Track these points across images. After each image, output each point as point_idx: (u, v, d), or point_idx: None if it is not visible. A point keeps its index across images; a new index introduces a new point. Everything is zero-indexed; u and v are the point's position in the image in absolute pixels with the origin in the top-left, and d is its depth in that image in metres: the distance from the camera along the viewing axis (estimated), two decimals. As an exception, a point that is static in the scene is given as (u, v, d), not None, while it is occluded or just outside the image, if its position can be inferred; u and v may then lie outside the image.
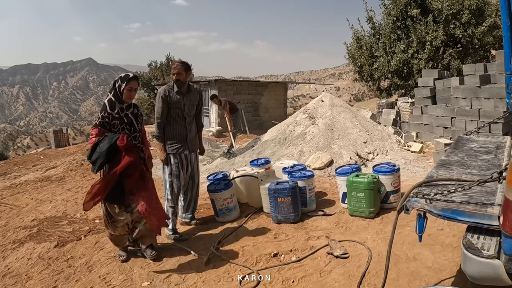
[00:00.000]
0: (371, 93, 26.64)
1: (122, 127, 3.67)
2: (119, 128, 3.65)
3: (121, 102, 3.66)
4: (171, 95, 4.21)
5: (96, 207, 4.14)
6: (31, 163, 12.27)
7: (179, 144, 4.29)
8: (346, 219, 4.34)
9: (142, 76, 30.87)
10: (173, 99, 4.20)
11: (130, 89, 3.64)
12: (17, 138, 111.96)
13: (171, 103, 4.20)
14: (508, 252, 1.72)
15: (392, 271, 3.10)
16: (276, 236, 4.09)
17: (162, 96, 4.19)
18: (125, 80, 3.62)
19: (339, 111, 7.78)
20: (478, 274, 1.87)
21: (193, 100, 4.39)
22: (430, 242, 3.57)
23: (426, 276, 3.02)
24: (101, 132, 3.54)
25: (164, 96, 4.18)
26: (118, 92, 3.64)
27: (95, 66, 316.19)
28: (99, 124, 3.57)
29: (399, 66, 15.81)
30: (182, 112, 4.27)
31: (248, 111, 16.73)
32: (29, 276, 3.85)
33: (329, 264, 3.32)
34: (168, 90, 4.24)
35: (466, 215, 1.94)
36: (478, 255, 1.82)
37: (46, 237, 4.88)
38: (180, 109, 4.25)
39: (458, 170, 2.60)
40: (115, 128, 3.62)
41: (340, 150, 6.71)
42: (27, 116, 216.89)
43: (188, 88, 4.34)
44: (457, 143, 3.39)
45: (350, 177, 4.34)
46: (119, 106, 3.65)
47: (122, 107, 3.67)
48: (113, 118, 3.61)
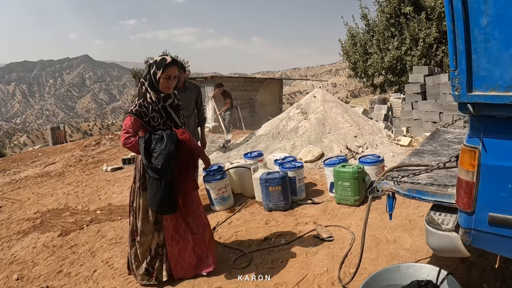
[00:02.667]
0: (368, 90, 26.86)
1: (163, 121, 3.05)
2: (159, 123, 3.02)
3: (157, 92, 3.00)
4: None
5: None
6: (30, 159, 12.42)
7: None
8: (333, 207, 4.60)
9: (138, 73, 31.00)
10: None
11: (168, 77, 2.95)
12: (13, 136, 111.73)
13: None
14: (463, 225, 1.96)
15: (372, 252, 3.37)
16: (267, 223, 4.36)
17: None
18: (162, 66, 2.93)
19: (331, 106, 8.04)
20: (439, 246, 2.12)
21: (190, 96, 4.63)
22: (410, 227, 3.83)
23: (404, 256, 3.27)
24: (137, 124, 2.94)
25: None
26: (154, 80, 2.97)
27: (91, 63, 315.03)
28: (135, 113, 2.93)
29: (392, 63, 16.07)
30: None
31: (244, 107, 16.96)
32: (35, 263, 4.06)
33: (315, 247, 3.59)
34: None
35: (429, 194, 2.20)
36: (438, 229, 2.07)
37: (49, 228, 5.09)
38: None
39: (429, 158, 2.85)
40: (155, 122, 3.00)
41: (331, 144, 6.98)
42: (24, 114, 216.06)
43: (184, 85, 4.58)
44: (434, 134, 3.65)
45: (336, 167, 4.61)
46: (155, 96, 3.01)
47: (158, 98, 3.03)
48: (152, 110, 2.98)
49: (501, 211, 1.76)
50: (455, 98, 1.67)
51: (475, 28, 1.57)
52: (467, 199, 1.84)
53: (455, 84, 1.63)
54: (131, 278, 3.35)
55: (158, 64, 2.94)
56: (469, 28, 1.57)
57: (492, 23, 1.53)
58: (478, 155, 1.74)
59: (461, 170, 1.87)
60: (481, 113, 1.69)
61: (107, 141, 13.74)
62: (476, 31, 1.57)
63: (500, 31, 1.52)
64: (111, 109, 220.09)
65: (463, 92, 1.63)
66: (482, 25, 1.55)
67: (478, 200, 1.82)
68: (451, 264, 2.99)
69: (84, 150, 12.68)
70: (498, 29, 1.52)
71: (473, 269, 2.87)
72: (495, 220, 1.78)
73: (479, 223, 1.85)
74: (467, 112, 1.68)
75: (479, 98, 1.61)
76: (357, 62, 17.41)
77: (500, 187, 1.74)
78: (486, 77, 1.59)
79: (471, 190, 1.80)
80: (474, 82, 1.62)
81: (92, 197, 6.48)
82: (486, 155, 1.73)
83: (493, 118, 1.68)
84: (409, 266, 2.77)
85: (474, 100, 1.63)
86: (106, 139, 13.98)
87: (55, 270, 3.81)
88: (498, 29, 1.53)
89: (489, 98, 1.59)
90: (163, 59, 2.97)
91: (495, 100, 1.58)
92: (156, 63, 2.96)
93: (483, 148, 1.73)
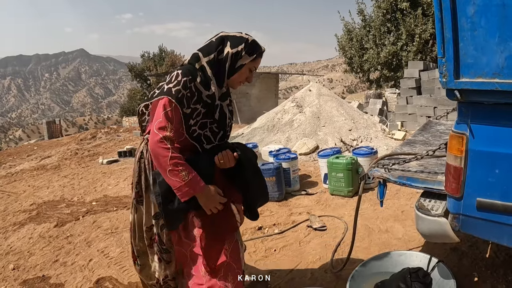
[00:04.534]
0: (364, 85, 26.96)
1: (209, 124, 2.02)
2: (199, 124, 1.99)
3: (221, 83, 2.02)
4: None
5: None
6: (25, 153, 12.39)
7: None
8: (326, 198, 4.66)
9: (135, 67, 30.91)
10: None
11: (253, 69, 2.07)
12: (8, 131, 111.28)
13: None
14: (452, 211, 2.01)
15: (365, 241, 3.43)
16: (261, 213, 4.38)
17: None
18: (255, 52, 2.02)
19: (326, 100, 8.09)
20: (428, 232, 2.17)
21: None
22: (403, 217, 3.89)
23: (396, 245, 3.32)
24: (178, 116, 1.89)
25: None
26: (230, 64, 1.99)
27: (87, 57, 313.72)
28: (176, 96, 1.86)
29: (388, 58, 16.16)
30: None
31: (240, 101, 16.99)
32: (31, 253, 4.08)
33: (308, 236, 3.64)
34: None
35: (419, 181, 2.24)
36: (427, 214, 2.12)
37: (45, 219, 5.10)
38: None
39: (420, 147, 2.90)
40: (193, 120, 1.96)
41: (325, 137, 7.03)
42: (19, 108, 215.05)
43: None
44: (426, 126, 3.71)
45: (330, 158, 4.66)
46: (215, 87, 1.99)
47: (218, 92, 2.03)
48: (199, 101, 1.95)
49: (488, 196, 1.80)
50: (442, 85, 1.71)
51: (462, 17, 1.60)
52: (456, 185, 1.88)
53: (442, 71, 1.68)
54: (126, 267, 3.39)
55: (249, 47, 1.99)
56: (456, 17, 1.60)
57: (479, 12, 1.57)
58: (466, 141, 1.78)
59: (449, 155, 1.91)
60: (468, 100, 1.73)
61: (103, 134, 13.75)
62: (463, 19, 1.60)
63: (487, 20, 1.56)
64: (107, 103, 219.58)
65: (450, 79, 1.67)
66: (469, 14, 1.59)
67: (466, 185, 1.86)
68: (442, 253, 3.04)
69: (79, 143, 12.68)
70: (485, 18, 1.56)
71: (464, 258, 2.92)
72: (483, 205, 1.82)
73: (467, 208, 1.89)
74: (455, 99, 1.72)
75: (466, 85, 1.65)
76: (353, 57, 17.50)
77: (488, 173, 1.78)
78: (473, 64, 1.63)
79: (459, 175, 1.85)
80: (461, 69, 1.65)
81: (88, 189, 6.50)
82: (474, 141, 1.77)
83: (480, 104, 1.73)
84: (400, 254, 2.82)
85: (462, 86, 1.67)
86: (101, 133, 13.99)
87: (51, 260, 3.83)
88: (484, 18, 1.56)
89: (476, 85, 1.63)
90: (256, 43, 2.04)
91: (482, 87, 1.62)
92: (247, 43, 1.99)
93: (470, 134, 1.77)
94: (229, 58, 1.97)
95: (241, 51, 1.97)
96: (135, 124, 18.66)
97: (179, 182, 1.86)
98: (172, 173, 1.86)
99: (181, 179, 1.86)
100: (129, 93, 35.49)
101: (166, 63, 29.00)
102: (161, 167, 1.87)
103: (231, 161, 2.06)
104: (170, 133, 1.86)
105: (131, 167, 7.79)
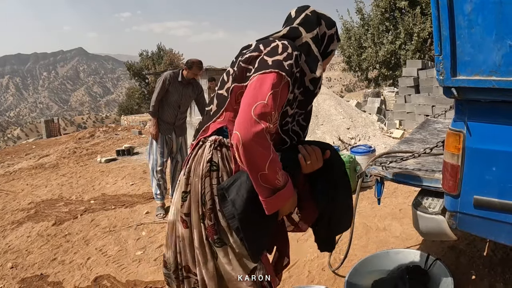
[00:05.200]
0: (362, 84, 26.97)
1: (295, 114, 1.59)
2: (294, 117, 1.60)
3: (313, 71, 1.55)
4: (173, 82, 4.52)
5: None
6: (24, 152, 12.36)
7: (165, 126, 4.60)
8: (325, 196, 4.66)
9: (133, 66, 30.84)
10: (172, 86, 4.52)
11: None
12: (7, 129, 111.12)
13: (170, 90, 4.52)
14: (449, 208, 2.01)
15: (362, 239, 3.43)
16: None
17: (164, 80, 4.48)
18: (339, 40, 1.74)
19: (324, 98, 8.10)
20: (426, 229, 2.17)
21: (190, 93, 4.70)
22: (400, 216, 3.90)
23: (393, 243, 3.33)
24: (285, 94, 1.43)
25: (168, 82, 4.48)
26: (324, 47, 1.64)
27: (86, 55, 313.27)
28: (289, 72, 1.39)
29: (386, 57, 16.17)
30: (177, 101, 4.58)
31: (239, 100, 17.00)
32: (29, 251, 4.08)
33: (306, 234, 3.64)
34: (173, 77, 4.54)
35: (417, 179, 2.24)
36: (424, 212, 2.12)
37: (43, 217, 5.10)
38: (175, 97, 4.55)
39: (418, 145, 2.91)
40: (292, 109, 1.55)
41: (323, 135, 7.04)
42: (17, 107, 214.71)
43: (189, 81, 4.64)
44: (424, 124, 3.71)
45: (329, 157, 4.67)
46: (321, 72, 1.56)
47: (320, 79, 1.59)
48: (301, 85, 1.53)
49: (485, 194, 1.80)
50: (439, 82, 1.71)
51: (459, 14, 1.60)
52: (453, 182, 1.89)
53: (439, 69, 1.68)
54: (124, 265, 3.40)
55: (337, 33, 1.70)
56: (453, 15, 1.60)
57: (476, 10, 1.57)
58: (463, 139, 1.79)
59: (446, 153, 1.92)
60: (465, 97, 1.73)
61: (101, 133, 13.73)
62: (460, 17, 1.60)
63: (484, 17, 1.56)
64: (105, 102, 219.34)
65: (447, 77, 1.67)
66: (466, 11, 1.59)
67: (463, 183, 1.86)
68: (440, 251, 3.04)
69: (78, 142, 12.66)
70: (482, 15, 1.56)
71: (461, 256, 2.92)
72: (480, 203, 1.82)
73: (464, 206, 1.90)
74: (452, 96, 1.73)
75: (463, 82, 1.66)
76: (351, 55, 17.51)
77: (485, 170, 1.78)
78: (470, 62, 1.63)
79: (456, 173, 1.85)
80: (458, 67, 1.66)
81: (86, 188, 6.50)
82: (471, 138, 1.78)
83: (477, 102, 1.73)
84: (397, 252, 2.83)
85: (458, 84, 1.67)
86: (100, 132, 13.97)
87: (49, 258, 3.84)
88: (481, 16, 1.57)
89: (473, 82, 1.64)
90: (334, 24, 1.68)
91: (478, 84, 1.63)
92: (336, 28, 1.69)
93: (467, 132, 1.77)
94: (326, 40, 1.63)
95: (334, 34, 1.66)
96: (133, 123, 18.64)
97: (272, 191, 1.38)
98: (265, 178, 1.35)
99: (276, 186, 1.38)
100: (127, 91, 35.46)
101: (165, 62, 28.96)
102: (253, 170, 1.34)
103: (319, 162, 1.57)
104: (272, 124, 1.35)
105: (129, 165, 7.83)
